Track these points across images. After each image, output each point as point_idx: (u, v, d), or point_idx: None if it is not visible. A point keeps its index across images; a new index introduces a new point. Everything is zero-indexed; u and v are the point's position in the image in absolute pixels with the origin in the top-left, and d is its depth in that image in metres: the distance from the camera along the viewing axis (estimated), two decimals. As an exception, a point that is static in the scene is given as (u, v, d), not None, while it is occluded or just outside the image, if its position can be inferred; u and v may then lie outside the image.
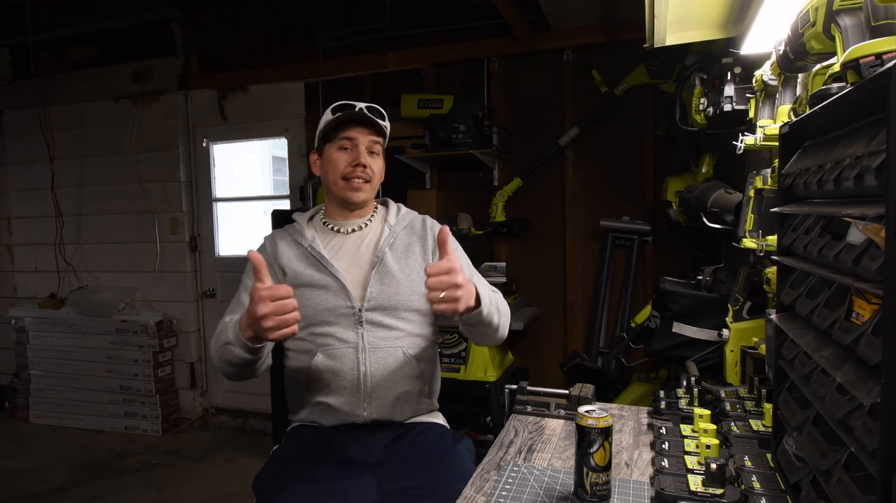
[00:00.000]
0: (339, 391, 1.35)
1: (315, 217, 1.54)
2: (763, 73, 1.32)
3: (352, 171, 1.41)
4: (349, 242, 1.46)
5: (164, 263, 3.97)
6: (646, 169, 3.08)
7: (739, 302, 1.59)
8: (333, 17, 3.58)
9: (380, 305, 1.37)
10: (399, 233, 1.47)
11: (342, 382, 1.35)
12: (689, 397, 1.33)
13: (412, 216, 1.53)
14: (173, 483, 3.05)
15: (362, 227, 1.49)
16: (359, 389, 1.35)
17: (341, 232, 1.48)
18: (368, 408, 1.35)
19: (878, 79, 0.59)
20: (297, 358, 1.40)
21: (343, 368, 1.34)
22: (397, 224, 1.49)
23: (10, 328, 4.05)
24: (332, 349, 1.35)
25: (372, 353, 1.35)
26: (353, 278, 1.39)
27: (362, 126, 1.42)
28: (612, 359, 2.90)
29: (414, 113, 3.18)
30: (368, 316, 1.36)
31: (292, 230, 1.48)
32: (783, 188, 0.96)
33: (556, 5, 2.83)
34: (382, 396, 1.36)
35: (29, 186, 4.22)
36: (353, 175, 1.42)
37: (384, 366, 1.36)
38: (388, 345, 1.37)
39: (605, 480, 0.95)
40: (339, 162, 1.42)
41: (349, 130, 1.41)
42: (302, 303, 1.30)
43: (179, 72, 3.88)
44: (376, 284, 1.38)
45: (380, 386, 1.35)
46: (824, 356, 0.71)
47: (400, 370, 1.37)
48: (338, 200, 1.47)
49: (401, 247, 1.45)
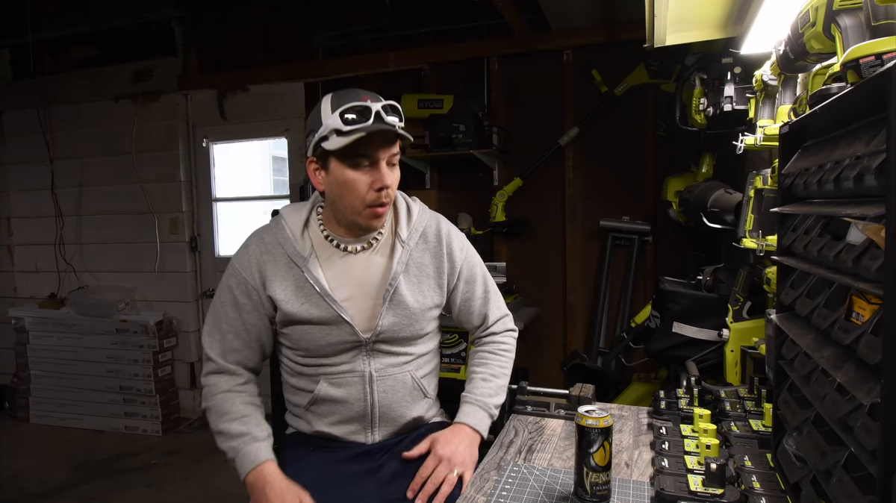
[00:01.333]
0: (346, 421, 1.28)
1: (311, 222, 1.29)
2: (763, 73, 1.32)
3: (376, 197, 1.17)
4: (356, 265, 1.26)
5: (164, 263, 3.97)
6: (646, 169, 3.08)
7: (739, 302, 1.58)
8: (333, 16, 3.58)
9: (390, 338, 1.26)
10: (413, 250, 1.29)
11: (348, 412, 1.27)
12: (689, 397, 1.33)
13: (425, 221, 1.33)
14: (173, 483, 3.05)
15: (372, 244, 1.28)
16: (365, 418, 1.28)
17: (348, 251, 1.27)
18: (375, 434, 1.29)
19: (878, 79, 0.59)
20: (297, 377, 1.31)
21: (349, 398, 1.26)
22: (410, 238, 1.29)
23: (10, 328, 4.05)
24: (337, 378, 1.26)
25: (380, 382, 1.26)
26: (359, 309, 1.24)
27: (381, 136, 1.15)
28: (612, 359, 2.90)
29: (414, 113, 3.18)
30: (377, 346, 1.26)
31: (282, 238, 1.24)
32: (783, 188, 0.96)
33: (556, 5, 2.83)
34: (391, 423, 1.30)
35: (29, 186, 4.22)
36: (378, 201, 1.18)
37: (393, 394, 1.28)
38: (396, 371, 1.28)
39: (605, 480, 0.95)
40: (357, 185, 1.17)
41: (367, 145, 1.15)
42: (301, 336, 1.24)
43: (179, 72, 3.88)
44: (388, 317, 1.24)
45: (388, 414, 1.29)
46: (824, 356, 0.71)
47: (408, 395, 1.31)
48: (350, 224, 1.24)
49: (414, 268, 1.28)
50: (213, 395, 1.25)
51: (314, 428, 1.30)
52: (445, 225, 1.37)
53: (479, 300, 1.40)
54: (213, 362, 1.27)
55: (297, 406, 1.33)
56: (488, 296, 1.42)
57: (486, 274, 1.43)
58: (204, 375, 1.29)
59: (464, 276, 1.36)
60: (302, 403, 1.31)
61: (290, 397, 1.36)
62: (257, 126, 3.83)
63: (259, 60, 3.76)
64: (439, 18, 3.40)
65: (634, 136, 3.09)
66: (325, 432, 1.29)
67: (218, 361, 1.27)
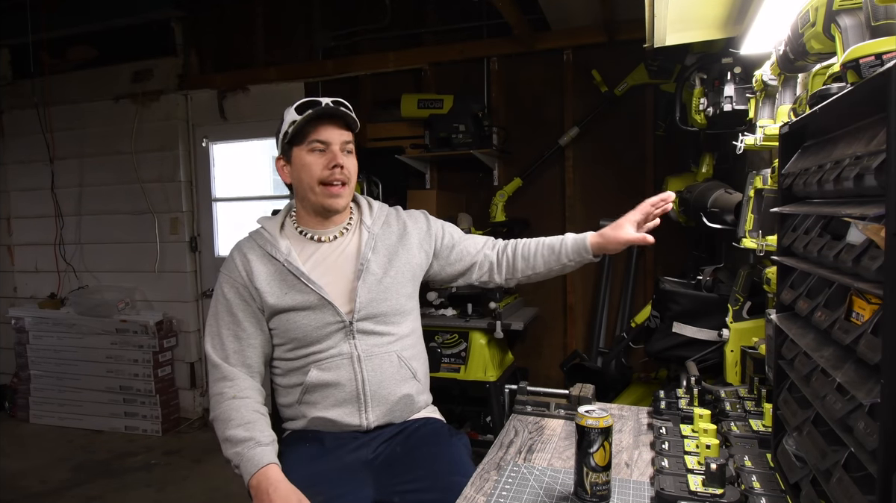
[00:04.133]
0: (339, 403, 1.32)
1: (286, 223, 1.42)
2: (763, 73, 1.32)
3: (330, 174, 1.31)
4: (329, 252, 1.38)
5: (164, 263, 3.97)
6: (646, 169, 3.08)
7: (739, 302, 1.59)
8: (333, 17, 3.58)
9: (370, 314, 1.34)
10: (378, 234, 1.41)
11: (341, 394, 1.32)
12: (689, 397, 1.33)
13: (385, 212, 1.47)
14: (173, 483, 3.05)
15: (343, 233, 1.41)
16: (358, 399, 1.32)
17: (321, 240, 1.39)
18: (369, 416, 1.33)
19: (878, 79, 0.59)
20: (287, 375, 1.36)
21: (341, 380, 1.32)
22: (374, 224, 1.42)
23: (10, 328, 4.05)
24: (327, 363, 1.32)
25: (368, 362, 1.33)
26: (338, 291, 1.33)
27: (333, 124, 1.32)
28: (612, 359, 2.90)
29: (414, 113, 3.18)
30: (360, 325, 1.33)
31: (262, 240, 1.36)
32: (783, 188, 0.96)
33: (556, 5, 2.83)
34: (382, 402, 1.34)
35: (29, 186, 4.22)
36: (331, 179, 1.32)
37: (381, 373, 1.34)
38: (382, 351, 1.35)
39: (605, 480, 0.95)
40: (313, 166, 1.32)
41: (319, 131, 1.31)
42: (288, 326, 1.32)
43: (179, 72, 3.88)
44: (365, 294, 1.33)
45: (378, 393, 1.33)
46: (824, 356, 0.71)
47: (396, 374, 1.36)
48: (315, 208, 1.37)
49: (382, 249, 1.40)
50: (219, 405, 1.29)
51: (308, 417, 1.33)
52: (402, 210, 1.52)
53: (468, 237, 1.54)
54: (217, 368, 1.32)
55: (290, 406, 1.37)
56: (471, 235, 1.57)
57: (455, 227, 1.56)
58: (210, 384, 1.33)
59: (446, 229, 1.52)
60: (294, 399, 1.34)
61: (282, 399, 1.40)
62: (257, 126, 3.83)
63: (259, 60, 3.76)
64: (439, 18, 3.40)
65: (634, 137, 3.09)
66: (320, 417, 1.32)
67: (222, 366, 1.31)
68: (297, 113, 1.31)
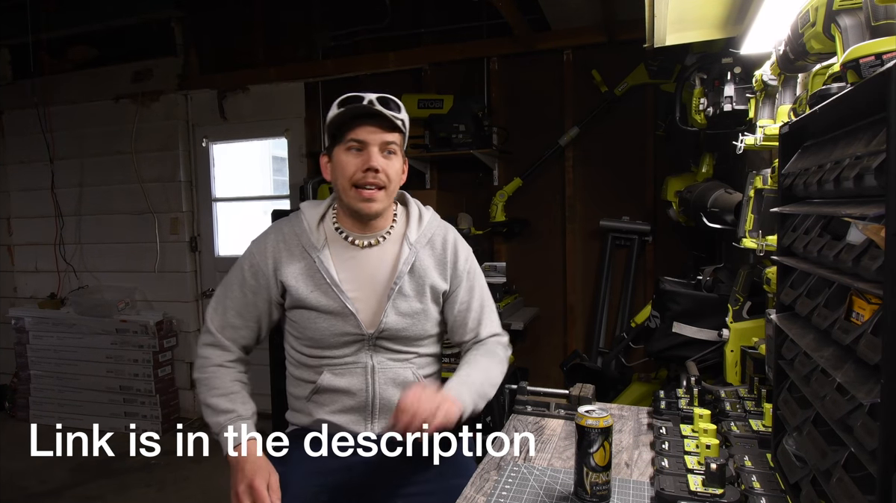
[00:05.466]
0: (347, 410, 1.30)
1: (327, 216, 1.36)
2: (763, 73, 1.32)
3: (362, 177, 1.23)
4: (364, 259, 1.31)
5: (164, 263, 3.97)
6: (646, 169, 3.08)
7: (739, 302, 1.58)
8: (333, 16, 3.58)
9: (393, 336, 1.29)
10: (419, 252, 1.32)
11: (350, 401, 1.30)
12: (689, 397, 1.33)
13: (433, 230, 1.36)
14: (173, 483, 3.05)
15: (380, 242, 1.32)
16: (366, 408, 1.30)
17: (356, 244, 1.32)
18: (376, 427, 1.31)
19: (878, 79, 0.59)
20: (301, 369, 1.34)
21: (352, 388, 1.29)
22: (418, 241, 1.33)
23: (10, 328, 4.05)
24: (340, 369, 1.29)
25: (382, 374, 1.30)
26: (366, 305, 1.28)
27: (372, 123, 1.23)
28: (612, 359, 2.90)
29: (414, 113, 3.17)
30: (380, 343, 1.29)
31: (299, 230, 1.31)
32: (783, 188, 0.96)
33: (556, 5, 2.83)
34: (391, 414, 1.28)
35: (29, 186, 4.22)
36: (364, 182, 1.23)
37: (394, 386, 1.30)
38: (398, 366, 1.31)
39: (605, 480, 0.95)
40: (347, 166, 1.24)
41: (357, 129, 1.22)
42: (307, 324, 1.29)
43: (179, 72, 3.88)
44: (392, 315, 1.28)
45: (388, 406, 1.29)
46: (824, 356, 0.71)
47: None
48: (349, 210, 1.29)
49: (419, 270, 1.31)
50: (205, 367, 1.31)
51: (315, 417, 1.32)
52: (453, 234, 1.39)
53: (475, 313, 1.39)
54: (211, 335, 1.33)
55: (299, 398, 1.35)
56: (483, 312, 1.40)
57: (485, 290, 1.42)
58: (200, 346, 1.34)
59: (463, 286, 1.37)
60: (304, 394, 1.33)
61: (292, 389, 1.39)
62: (257, 126, 3.83)
63: (259, 60, 3.75)
64: (439, 18, 3.40)
65: (634, 136, 3.09)
66: (325, 419, 1.31)
67: (215, 335, 1.32)
68: (338, 107, 1.24)
